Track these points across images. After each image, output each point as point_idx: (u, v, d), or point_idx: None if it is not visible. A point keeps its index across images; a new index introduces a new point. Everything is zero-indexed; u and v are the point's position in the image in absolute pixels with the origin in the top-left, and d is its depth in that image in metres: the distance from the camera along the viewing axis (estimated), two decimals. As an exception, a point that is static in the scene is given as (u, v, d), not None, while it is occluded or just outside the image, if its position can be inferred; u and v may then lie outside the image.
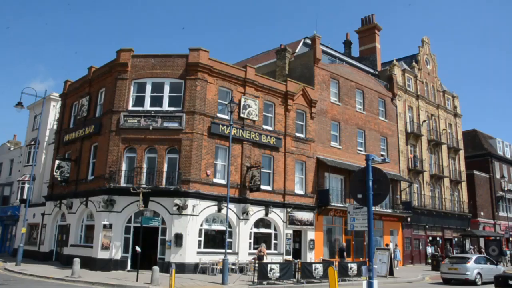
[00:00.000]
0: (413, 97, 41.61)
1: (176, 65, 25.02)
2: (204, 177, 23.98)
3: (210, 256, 23.36)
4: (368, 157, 8.32)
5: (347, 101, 33.59)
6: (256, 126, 26.78)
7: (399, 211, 35.38)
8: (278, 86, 28.62)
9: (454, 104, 48.72)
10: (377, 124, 36.01)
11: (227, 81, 25.98)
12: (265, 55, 38.22)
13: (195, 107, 24.21)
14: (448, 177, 44.04)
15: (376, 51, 42.74)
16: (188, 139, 23.79)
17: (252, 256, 23.87)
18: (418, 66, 43.57)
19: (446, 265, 23.89)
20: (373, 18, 43.46)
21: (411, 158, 39.45)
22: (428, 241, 39.71)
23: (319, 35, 31.83)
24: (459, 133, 48.46)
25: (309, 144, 29.65)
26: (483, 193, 50.75)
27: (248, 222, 25.53)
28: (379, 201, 8.50)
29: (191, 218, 23.05)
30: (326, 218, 30.33)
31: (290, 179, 28.10)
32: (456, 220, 44.23)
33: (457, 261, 23.82)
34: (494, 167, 53.78)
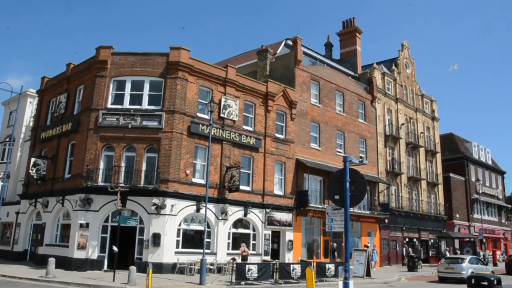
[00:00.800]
0: (392, 100, 42.11)
1: (157, 64, 24.84)
2: (183, 176, 23.85)
3: (188, 256, 23.24)
4: (346, 159, 8.38)
5: (327, 103, 33.80)
6: (236, 126, 26.76)
7: (377, 213, 35.76)
8: (259, 86, 28.65)
9: (432, 108, 49.49)
10: (356, 126, 36.33)
11: (208, 81, 25.90)
12: (246, 56, 38.23)
13: (175, 106, 24.07)
14: (425, 180, 44.69)
15: (356, 54, 43.10)
16: (167, 138, 23.63)
17: (231, 257, 23.85)
18: (397, 70, 44.12)
19: (443, 265, 25.73)
20: (354, 21, 43.82)
21: (389, 160, 39.91)
22: (405, 243, 40.21)
23: (301, 37, 31.97)
24: (436, 137, 49.23)
25: (289, 145, 29.76)
26: (458, 195, 51.69)
27: (227, 223, 25.49)
28: (356, 202, 8.56)
29: (169, 217, 22.90)
30: (304, 219, 30.47)
31: (270, 179, 28.15)
32: (432, 221, 44.92)
33: (453, 261, 25.63)
34: (469, 171, 54.82)
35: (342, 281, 8.06)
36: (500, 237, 60.38)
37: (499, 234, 60.09)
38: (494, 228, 58.63)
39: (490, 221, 57.92)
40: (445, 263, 26.07)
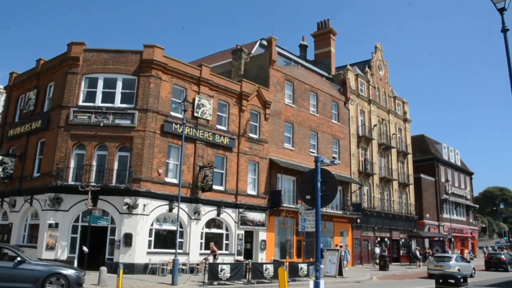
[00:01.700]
0: (365, 102, 42.62)
1: (130, 61, 24.51)
2: (156, 176, 23.60)
3: (161, 256, 23.00)
4: (317, 159, 8.41)
5: (301, 103, 33.98)
6: (209, 125, 26.64)
7: (349, 213, 36.13)
8: (233, 86, 28.58)
9: (404, 110, 50.32)
10: (330, 127, 36.64)
11: (182, 80, 25.70)
12: (221, 55, 38.11)
13: (148, 104, 23.80)
14: (396, 180, 45.40)
15: (331, 55, 43.45)
16: (140, 137, 23.34)
17: (204, 257, 23.71)
18: (370, 72, 44.68)
19: (432, 263, 28.72)
20: (329, 23, 44.17)
21: (362, 161, 40.38)
22: (377, 242, 40.76)
23: (275, 37, 32.04)
24: (408, 138, 50.07)
25: (262, 145, 29.79)
26: (429, 196, 52.73)
27: (200, 222, 25.34)
28: (327, 202, 8.60)
29: (141, 217, 22.62)
30: (278, 219, 30.54)
31: (243, 179, 28.12)
32: (403, 221, 45.67)
33: (441, 259, 28.66)
34: (439, 171, 56.00)
35: (313, 281, 8.08)
36: (468, 236, 61.88)
37: (467, 233, 61.58)
38: (463, 228, 60.05)
39: (459, 221, 59.29)
40: (434, 261, 28.84)
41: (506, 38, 12.44)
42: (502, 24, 12.63)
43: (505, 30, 12.51)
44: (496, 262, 36.61)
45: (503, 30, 12.55)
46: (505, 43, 12.41)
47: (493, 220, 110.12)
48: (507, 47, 12.38)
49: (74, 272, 14.96)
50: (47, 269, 14.40)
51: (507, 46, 12.38)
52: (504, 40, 12.35)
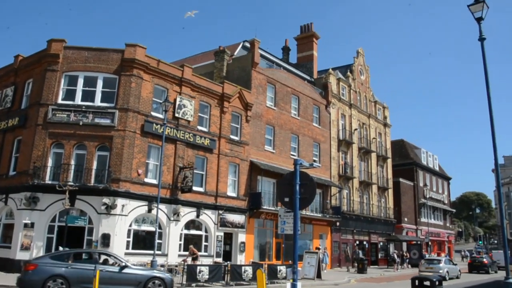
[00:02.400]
0: (346, 106, 42.95)
1: (111, 60, 24.26)
2: (135, 176, 23.40)
3: (139, 257, 22.74)
4: (296, 162, 8.45)
5: (282, 106, 34.07)
6: (190, 126, 26.53)
7: (328, 216, 36.33)
8: (215, 87, 28.52)
9: (384, 114, 50.85)
10: (310, 130, 36.81)
11: (163, 80, 25.55)
12: (203, 56, 37.99)
13: (129, 104, 23.59)
14: (376, 184, 45.83)
15: (313, 59, 43.69)
16: (120, 137, 23.11)
17: (182, 258, 23.58)
18: (352, 76, 45.03)
19: (424, 265, 31.46)
20: (311, 27, 44.41)
21: (342, 164, 40.66)
22: (356, 245, 41.05)
23: (258, 40, 32.10)
24: (388, 142, 50.60)
25: (243, 147, 29.78)
26: (407, 200, 53.33)
27: (179, 224, 25.20)
28: (305, 205, 8.64)
29: (119, 218, 22.39)
30: (257, 221, 30.55)
31: (223, 181, 28.06)
32: (382, 225, 46.11)
33: (432, 262, 31.64)
34: (418, 176, 56.71)
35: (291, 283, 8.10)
36: (444, 240, 62.78)
37: (444, 237, 62.48)
38: (440, 232, 60.91)
39: (436, 225, 60.13)
40: (425, 263, 31.72)
41: (483, 46, 12.74)
42: (479, 33, 12.93)
43: (482, 39, 12.82)
44: (479, 265, 39.12)
45: (480, 39, 12.85)
46: (482, 51, 12.71)
47: (469, 225, 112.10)
48: (484, 55, 12.67)
49: (169, 276, 16.38)
50: (147, 273, 15.82)
51: (484, 54, 12.68)
52: (481, 49, 12.65)
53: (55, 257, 14.84)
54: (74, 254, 15.28)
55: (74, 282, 14.05)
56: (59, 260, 14.55)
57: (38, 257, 15.35)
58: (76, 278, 14.16)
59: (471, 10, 13.09)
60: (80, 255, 16.01)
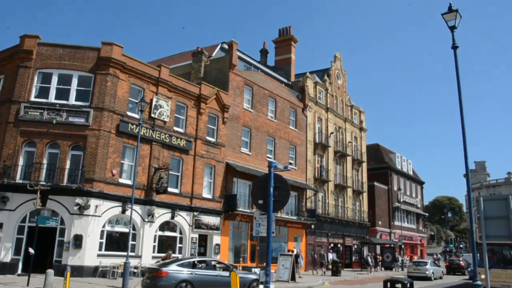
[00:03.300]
0: (323, 109, 43.28)
1: (87, 58, 23.90)
2: (109, 176, 23.08)
3: (112, 259, 22.49)
4: (271, 164, 8.47)
5: (259, 109, 34.12)
6: (166, 127, 26.33)
7: (304, 219, 36.50)
8: (192, 88, 28.39)
9: (360, 119, 51.41)
10: (287, 133, 36.96)
11: (140, 79, 25.30)
12: (181, 56, 37.75)
13: (104, 103, 23.27)
14: (351, 188, 46.27)
15: (291, 62, 43.84)
16: (94, 136, 22.77)
17: (156, 260, 23.33)
18: (329, 80, 45.40)
19: (412, 267, 34.31)
20: (290, 30, 44.59)
21: (318, 167, 40.92)
22: (330, 248, 41.35)
23: (236, 41, 32.09)
24: (363, 146, 51.17)
25: (219, 149, 29.70)
26: (381, 203, 54.01)
27: (153, 225, 24.97)
28: (279, 208, 8.65)
29: (93, 218, 22.05)
30: (232, 223, 30.50)
31: (199, 182, 27.93)
32: (356, 228, 46.56)
33: (419, 264, 34.66)
34: (392, 180, 57.50)
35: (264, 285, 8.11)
36: (417, 243, 63.82)
37: (417, 240, 63.50)
38: (413, 235, 61.88)
39: (409, 228, 61.06)
40: (413, 265, 34.70)
41: (456, 54, 13.04)
42: (452, 41, 13.23)
43: (455, 47, 13.12)
44: (456, 267, 42.33)
45: (453, 47, 13.15)
46: (455, 59, 13.00)
47: (441, 228, 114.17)
48: (457, 63, 12.97)
49: None
50: (249, 276, 18.81)
51: (457, 62, 12.98)
52: (454, 56, 12.93)
53: (180, 264, 16.91)
54: (194, 262, 17.55)
55: (197, 286, 16.35)
56: (184, 267, 16.76)
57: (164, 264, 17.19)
58: (198, 282, 16.48)
59: (445, 18, 13.39)
60: (199, 262, 18.03)
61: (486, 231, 11.47)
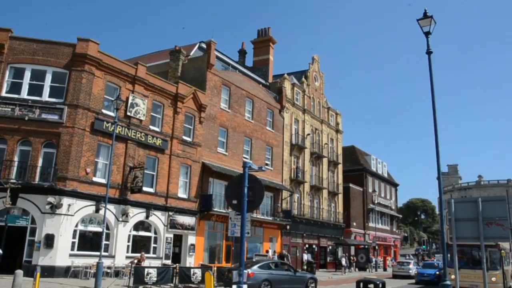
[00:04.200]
0: (300, 111, 43.50)
1: (62, 54, 23.43)
2: (83, 175, 22.71)
3: (85, 259, 22.15)
4: (245, 164, 8.47)
5: (236, 109, 34.09)
6: (142, 126, 26.06)
7: (279, 219, 36.60)
8: (169, 87, 28.17)
9: (336, 121, 51.86)
10: (264, 133, 37.02)
11: (116, 77, 24.97)
12: (158, 55, 37.43)
13: (79, 100, 22.87)
14: (326, 189, 46.61)
15: (269, 63, 43.94)
16: (68, 134, 22.36)
17: (130, 260, 23.09)
18: (307, 82, 45.66)
19: (396, 266, 38.34)
20: (269, 31, 44.68)
21: (294, 168, 41.10)
22: (305, 249, 41.57)
23: (215, 41, 31.99)
24: (339, 148, 51.62)
25: (195, 148, 29.55)
26: (356, 205, 54.60)
27: (128, 224, 24.67)
28: (253, 208, 8.66)
29: (65, 218, 21.64)
30: (208, 223, 30.38)
31: (174, 182, 27.73)
32: (331, 229, 46.93)
33: (403, 264, 38.70)
34: (367, 182, 58.20)
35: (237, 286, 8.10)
36: (391, 245, 64.74)
37: (390, 241, 64.42)
38: (386, 236, 62.75)
39: (383, 230, 61.89)
40: (398, 265, 38.82)
41: (430, 59, 13.30)
42: (427, 46, 13.49)
43: (429, 52, 13.37)
44: None
45: (428, 52, 13.41)
46: (429, 63, 13.25)
47: (414, 230, 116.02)
48: (431, 68, 13.22)
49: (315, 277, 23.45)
50: (307, 275, 22.80)
51: (431, 67, 13.23)
52: (428, 61, 13.18)
53: (260, 266, 19.88)
54: (269, 264, 21.04)
55: (274, 284, 19.43)
56: (263, 268, 19.87)
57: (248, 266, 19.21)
58: (275, 281, 19.59)
59: (420, 24, 13.64)
60: (271, 264, 21.39)
61: (457, 232, 11.71)
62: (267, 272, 19.70)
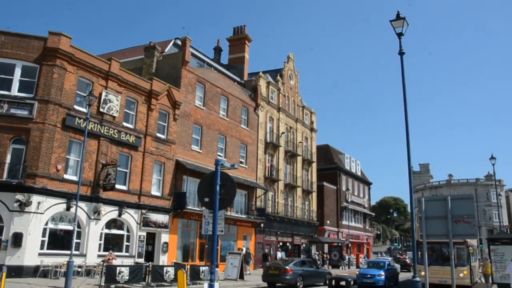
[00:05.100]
0: (275, 109, 43.62)
1: (32, 48, 22.85)
2: (54, 172, 22.23)
3: (55, 258, 21.68)
4: (218, 162, 8.43)
5: (211, 106, 33.95)
6: (116, 122, 25.68)
7: (253, 217, 36.65)
8: (143, 83, 27.85)
9: (311, 119, 52.20)
10: (238, 131, 36.98)
11: (89, 72, 24.52)
12: (132, 51, 36.90)
13: (50, 96, 22.37)
14: (300, 187, 46.88)
15: (244, 61, 43.89)
16: (38, 130, 21.85)
17: (102, 259, 22.74)
18: (282, 80, 45.81)
19: None
20: (244, 29, 44.63)
21: (268, 166, 41.21)
22: (279, 247, 41.75)
23: (190, 38, 31.74)
24: (313, 147, 51.99)
25: (169, 146, 29.31)
26: (330, 203, 55.10)
27: (100, 223, 24.30)
28: (225, 206, 8.65)
29: (34, 216, 21.14)
30: (181, 221, 30.18)
31: (147, 179, 27.44)
32: (305, 227, 47.24)
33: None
34: (341, 180, 58.79)
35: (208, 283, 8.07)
36: (364, 242, 65.58)
37: (363, 239, 65.26)
38: (359, 234, 63.53)
39: (356, 228, 62.64)
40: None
41: (402, 60, 13.53)
42: (399, 47, 13.71)
43: (402, 53, 13.61)
44: (403, 265, 44.91)
45: (400, 53, 13.64)
46: (401, 64, 13.45)
47: (387, 227, 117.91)
48: (403, 68, 13.43)
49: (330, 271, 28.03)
50: (325, 270, 27.11)
51: (403, 67, 13.44)
52: (400, 62, 13.40)
53: (294, 264, 23.85)
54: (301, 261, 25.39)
55: (306, 278, 23.64)
56: (296, 265, 23.80)
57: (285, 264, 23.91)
58: (306, 275, 23.82)
59: (393, 25, 13.85)
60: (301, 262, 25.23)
61: (427, 230, 11.94)
62: (300, 268, 23.72)
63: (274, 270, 23.32)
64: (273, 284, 23.53)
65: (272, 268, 23.79)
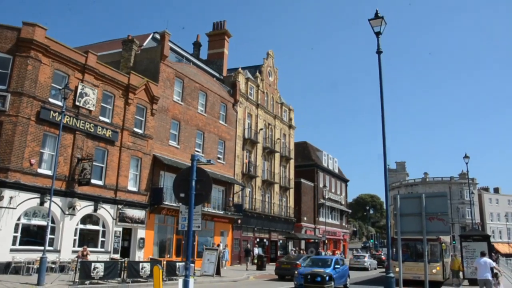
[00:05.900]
0: (254, 105, 43.63)
1: (5, 38, 22.24)
2: (27, 166, 21.77)
3: (27, 254, 21.24)
4: (193, 157, 8.39)
5: (189, 102, 33.75)
6: (92, 116, 25.29)
7: (230, 213, 36.65)
8: (120, 77, 27.48)
9: (289, 116, 52.40)
10: (216, 127, 36.87)
11: (65, 65, 24.06)
12: (110, 44, 36.37)
13: (24, 88, 21.87)
14: (278, 184, 47.07)
15: (223, 57, 43.78)
16: (11, 123, 21.34)
17: (76, 254, 22.42)
18: (261, 77, 45.83)
19: (353, 259, 40.55)
20: (224, 24, 44.49)
21: (246, 163, 41.23)
22: (256, 243, 41.85)
23: (169, 32, 31.46)
24: (291, 144, 52.21)
25: (146, 141, 29.03)
26: (307, 200, 55.45)
27: (74, 218, 23.93)
28: (201, 201, 8.61)
29: (6, 211, 20.67)
30: (158, 217, 29.97)
31: (124, 174, 27.14)
32: (282, 223, 47.47)
33: (359, 257, 41.26)
34: (318, 177, 59.20)
35: (183, 279, 8.03)
36: (340, 239, 66.27)
37: (340, 236, 65.93)
38: (336, 231, 64.16)
39: (333, 224, 63.24)
40: (354, 258, 40.93)
41: (380, 59, 13.66)
42: (377, 46, 13.85)
43: (379, 52, 13.76)
44: (379, 261, 45.82)
45: (378, 52, 13.78)
46: (379, 63, 13.58)
47: (363, 224, 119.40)
48: (380, 67, 13.57)
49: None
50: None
51: (380, 66, 13.59)
52: (378, 60, 13.53)
53: (303, 259, 27.10)
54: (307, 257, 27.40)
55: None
56: (304, 261, 26.42)
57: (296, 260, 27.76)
58: None
59: (371, 24, 13.98)
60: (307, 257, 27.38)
61: (402, 227, 12.11)
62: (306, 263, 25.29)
63: (287, 265, 27.44)
64: (283, 277, 27.04)
65: (285, 263, 27.95)
